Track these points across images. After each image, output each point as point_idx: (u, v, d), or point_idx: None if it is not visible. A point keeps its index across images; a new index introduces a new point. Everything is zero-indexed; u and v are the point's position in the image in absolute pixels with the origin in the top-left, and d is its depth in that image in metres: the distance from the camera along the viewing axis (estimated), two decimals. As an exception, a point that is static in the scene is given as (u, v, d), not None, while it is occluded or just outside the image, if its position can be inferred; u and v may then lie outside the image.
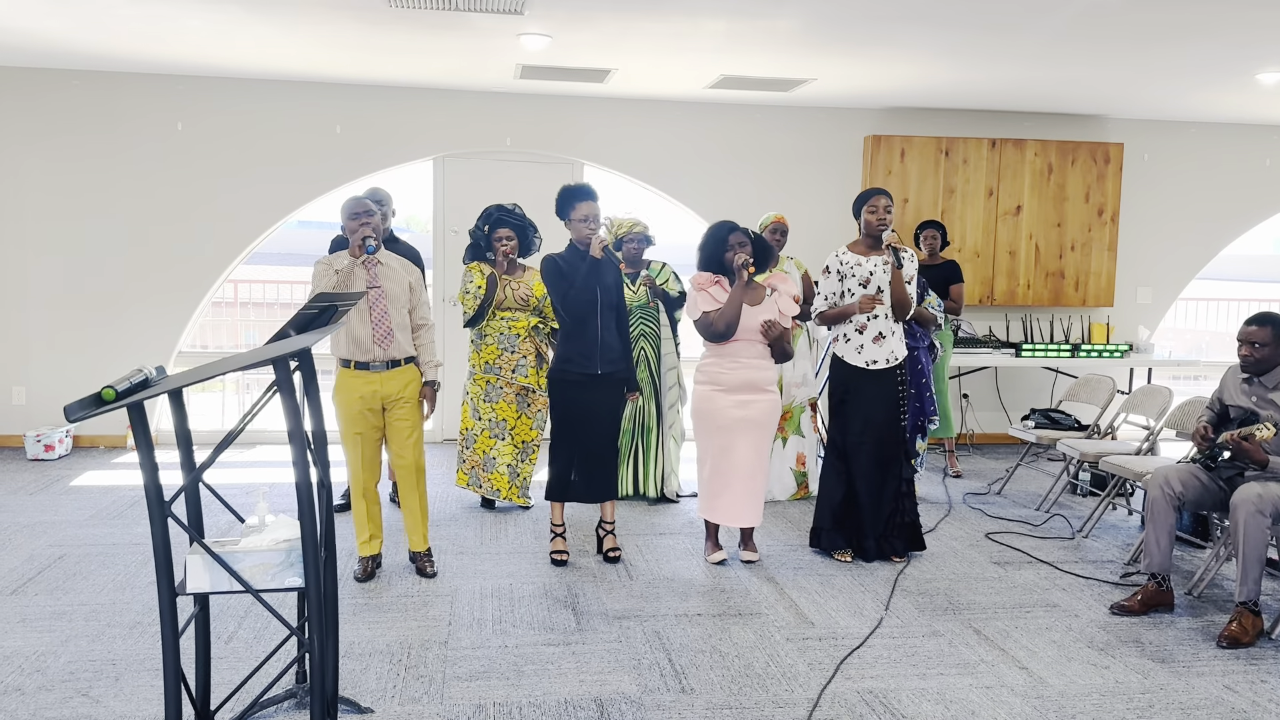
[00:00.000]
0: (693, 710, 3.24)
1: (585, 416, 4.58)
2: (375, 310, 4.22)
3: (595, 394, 4.57)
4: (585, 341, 4.54)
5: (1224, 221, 8.11)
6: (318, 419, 2.60)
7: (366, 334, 4.21)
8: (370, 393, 4.25)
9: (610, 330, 4.59)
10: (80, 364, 6.99)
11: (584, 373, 4.54)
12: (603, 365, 4.56)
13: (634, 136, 7.42)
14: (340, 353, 4.28)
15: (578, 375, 4.55)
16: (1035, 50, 5.58)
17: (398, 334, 4.26)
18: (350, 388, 4.26)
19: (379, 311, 4.22)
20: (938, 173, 7.43)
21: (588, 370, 4.54)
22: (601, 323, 4.56)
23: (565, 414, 4.59)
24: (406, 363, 4.33)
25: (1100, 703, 3.35)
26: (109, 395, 2.04)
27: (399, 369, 4.30)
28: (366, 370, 4.24)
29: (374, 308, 4.22)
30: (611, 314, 4.60)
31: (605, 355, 4.56)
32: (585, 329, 4.54)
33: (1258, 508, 3.84)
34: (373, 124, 7.13)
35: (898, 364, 4.77)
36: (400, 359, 4.29)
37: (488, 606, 4.12)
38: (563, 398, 4.59)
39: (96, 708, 3.17)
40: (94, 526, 5.15)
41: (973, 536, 5.29)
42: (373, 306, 4.22)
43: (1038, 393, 8.02)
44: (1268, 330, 4.04)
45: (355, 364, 4.24)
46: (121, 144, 6.92)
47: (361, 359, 4.23)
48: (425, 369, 4.42)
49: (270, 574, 2.35)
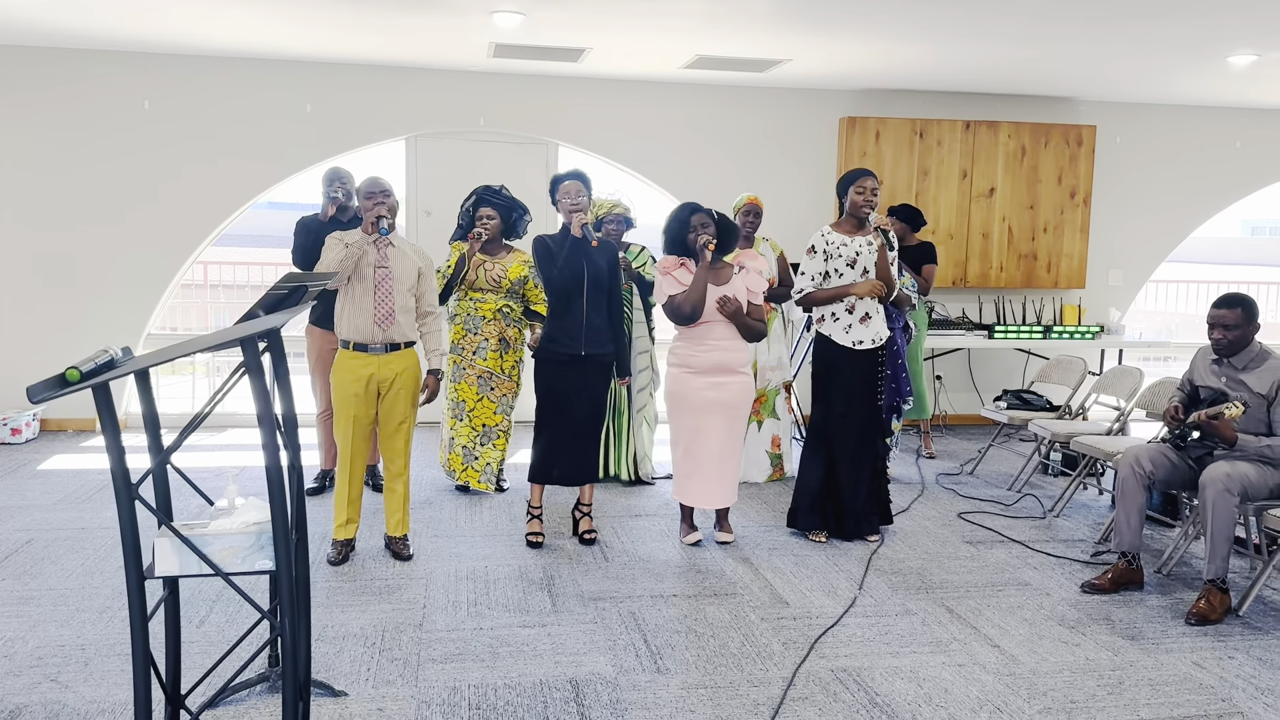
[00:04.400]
0: (668, 690, 3.24)
1: (568, 397, 4.56)
2: (380, 291, 4.21)
3: (579, 375, 4.56)
4: (570, 322, 4.53)
5: (1194, 204, 8.19)
6: (287, 401, 2.57)
7: (368, 315, 4.20)
8: (367, 375, 4.22)
9: (598, 312, 4.57)
10: (47, 347, 6.89)
11: (568, 353, 4.53)
12: (587, 346, 4.54)
13: (609, 117, 7.37)
14: (342, 333, 4.26)
15: (562, 355, 4.53)
16: (1010, 31, 5.58)
17: (399, 316, 4.25)
18: (348, 369, 4.23)
19: (383, 292, 4.21)
20: (912, 155, 7.44)
21: (571, 350, 4.52)
22: (588, 303, 4.54)
23: (549, 393, 4.57)
24: (406, 347, 4.31)
25: (1071, 679, 3.39)
26: (73, 376, 2.00)
27: (398, 353, 4.28)
28: (365, 352, 4.22)
29: (379, 288, 4.21)
30: (601, 296, 4.59)
31: (590, 336, 4.55)
32: (570, 309, 4.53)
33: (1226, 486, 3.89)
34: (344, 103, 7.05)
35: (881, 345, 4.78)
36: (400, 343, 4.27)
37: (463, 589, 4.11)
38: (547, 378, 4.58)
39: (65, 693, 3.13)
40: (62, 511, 5.09)
41: (945, 516, 5.32)
42: (378, 287, 4.21)
43: (1010, 374, 8.08)
44: (1238, 312, 4.07)
45: (354, 345, 4.23)
46: (88, 122, 6.80)
47: (361, 340, 4.22)
48: (430, 356, 4.42)
49: (240, 557, 2.32)
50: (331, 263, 4.10)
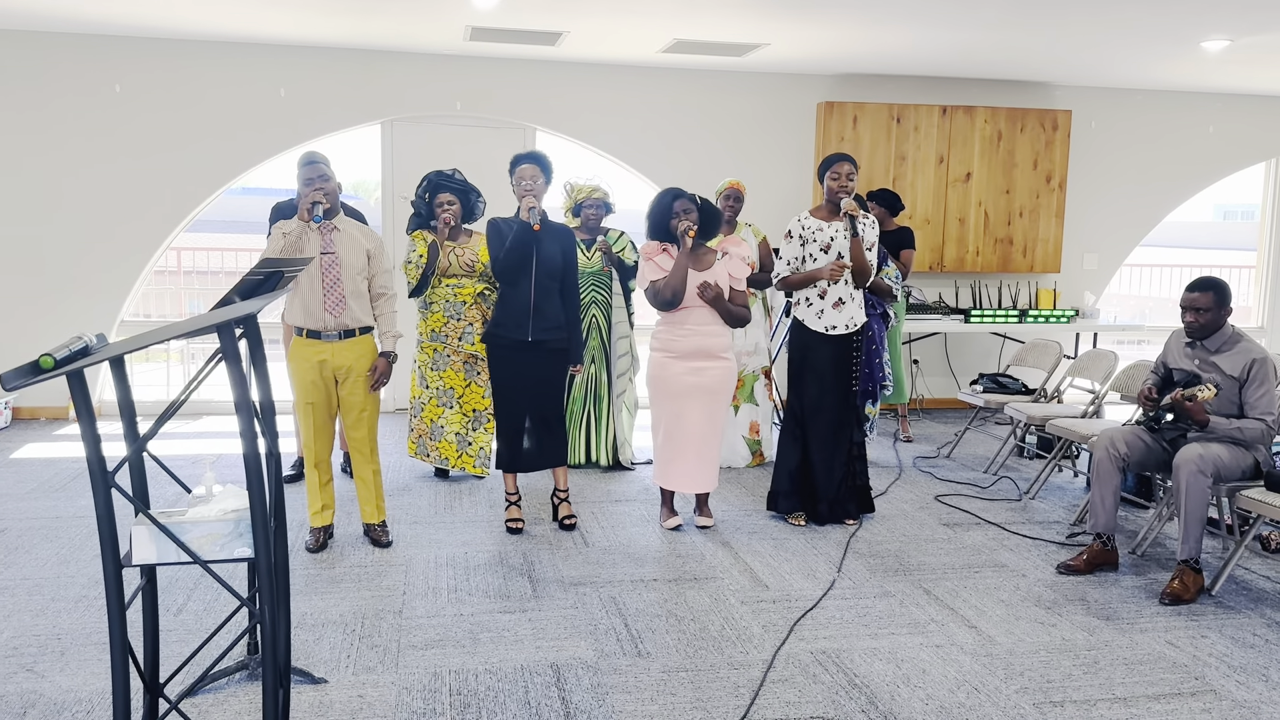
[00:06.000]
0: (649, 674, 3.25)
1: (519, 382, 4.54)
2: (327, 277, 4.14)
3: (527, 360, 4.53)
4: (516, 306, 4.49)
5: (1168, 188, 8.25)
6: (265, 387, 2.54)
7: (318, 301, 4.13)
8: (321, 362, 4.18)
9: (548, 298, 4.52)
10: (19, 334, 6.80)
11: (513, 338, 4.50)
12: (534, 332, 4.50)
13: (586, 101, 7.34)
14: (293, 320, 4.20)
15: (507, 340, 4.51)
16: (986, 16, 5.59)
17: (351, 302, 4.18)
18: (302, 356, 4.18)
19: (331, 278, 4.14)
20: (889, 139, 7.45)
21: (516, 336, 4.49)
22: (536, 288, 4.49)
23: (499, 378, 4.56)
24: (362, 333, 4.26)
25: (1047, 659, 3.42)
26: (47, 363, 1.97)
27: (353, 339, 4.22)
28: (319, 340, 4.17)
29: (326, 274, 4.14)
30: (553, 282, 4.53)
31: (538, 322, 4.50)
32: (516, 293, 4.49)
33: (1199, 468, 3.93)
34: (318, 87, 6.98)
35: (855, 330, 4.79)
36: (355, 328, 4.22)
37: (443, 575, 4.10)
38: (495, 362, 4.57)
39: (42, 683, 3.10)
40: (36, 499, 5.03)
41: (922, 499, 5.36)
42: (325, 273, 4.14)
43: (986, 358, 8.14)
44: (1210, 295, 4.11)
45: (307, 332, 4.17)
46: (57, 107, 6.70)
47: (313, 327, 4.16)
48: (382, 339, 4.35)
49: (218, 545, 2.30)
50: (272, 254, 4.02)
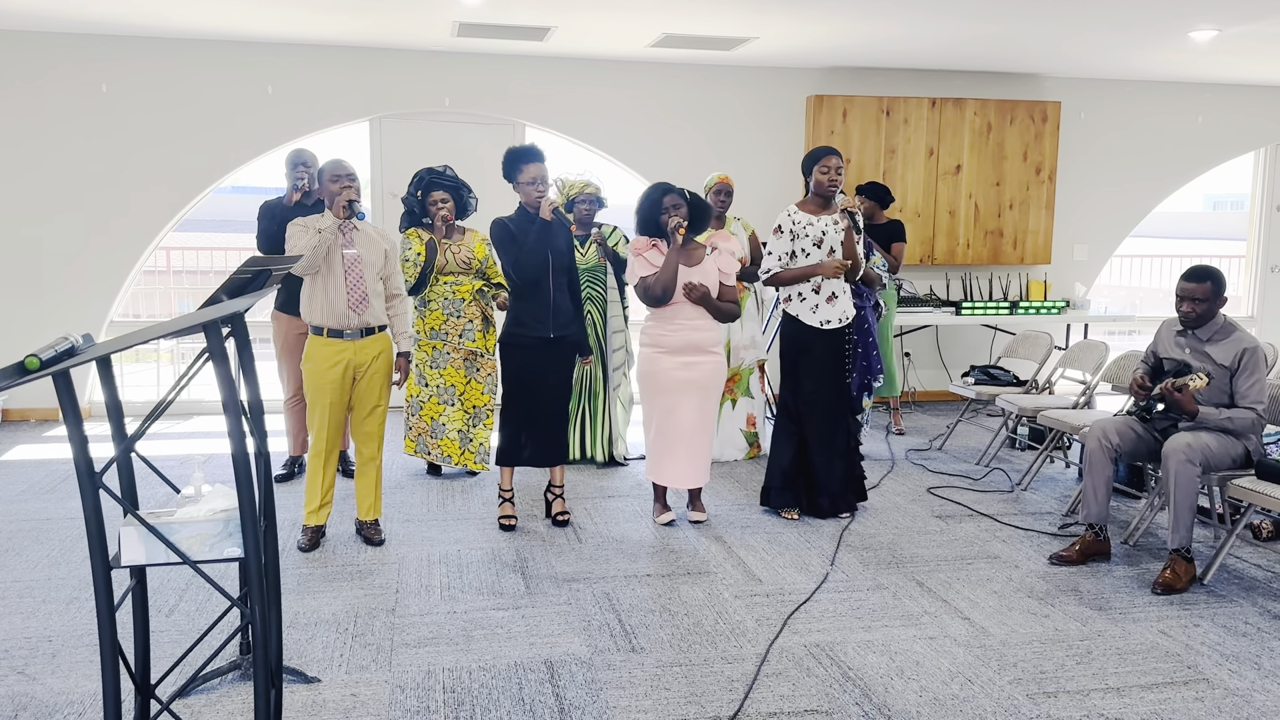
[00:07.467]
0: (643, 669, 3.25)
1: (537, 380, 4.54)
2: (351, 275, 4.16)
3: (548, 357, 4.54)
4: (538, 305, 4.50)
5: (1157, 179, 8.27)
6: (253, 387, 2.53)
7: (341, 300, 4.15)
8: (344, 361, 4.18)
9: (562, 293, 4.56)
10: (6, 335, 6.76)
11: (537, 336, 4.50)
12: (555, 329, 4.52)
13: (575, 97, 7.32)
14: (314, 320, 4.20)
15: (530, 339, 4.51)
16: (975, 8, 5.59)
17: (373, 300, 4.22)
18: (322, 356, 4.18)
19: (354, 276, 4.16)
20: (879, 132, 7.45)
21: (540, 334, 4.50)
22: (554, 286, 4.52)
23: (518, 378, 4.55)
24: (380, 331, 4.29)
25: (1041, 650, 3.43)
26: (33, 364, 1.96)
27: (372, 337, 4.25)
28: (340, 338, 4.18)
29: (349, 272, 4.16)
30: (564, 277, 4.57)
31: (558, 319, 4.53)
32: (538, 292, 4.49)
33: (1187, 457, 3.94)
34: (306, 84, 6.95)
35: (848, 323, 4.79)
36: (374, 326, 4.25)
37: (435, 573, 4.09)
38: (515, 362, 4.55)
39: (33, 685, 3.09)
40: (26, 501, 5.01)
41: (915, 491, 5.37)
42: (348, 271, 4.16)
43: (977, 350, 8.15)
44: (1206, 286, 4.12)
45: (329, 331, 4.17)
46: (45, 106, 6.66)
47: (336, 326, 4.17)
48: (399, 339, 4.40)
49: (208, 545, 2.29)
50: (303, 249, 4.03)
